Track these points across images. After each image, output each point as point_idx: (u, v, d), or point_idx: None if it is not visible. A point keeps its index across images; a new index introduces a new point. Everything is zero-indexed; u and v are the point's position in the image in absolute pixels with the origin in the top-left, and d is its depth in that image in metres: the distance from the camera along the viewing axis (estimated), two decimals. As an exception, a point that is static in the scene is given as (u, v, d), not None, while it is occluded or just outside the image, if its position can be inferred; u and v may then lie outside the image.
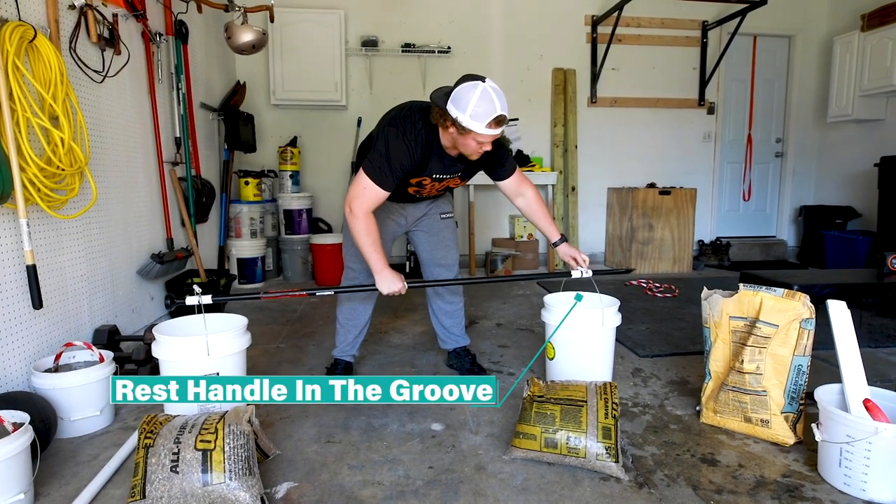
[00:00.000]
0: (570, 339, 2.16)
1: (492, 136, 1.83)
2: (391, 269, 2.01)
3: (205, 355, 1.77)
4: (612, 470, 1.60)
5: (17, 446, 1.39)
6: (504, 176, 2.15)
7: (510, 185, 2.18)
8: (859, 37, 4.80)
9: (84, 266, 2.37)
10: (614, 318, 2.18)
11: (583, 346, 2.18)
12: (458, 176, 2.10)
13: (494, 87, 1.79)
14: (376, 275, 1.98)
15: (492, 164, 2.10)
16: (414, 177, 2.02)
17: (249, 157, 4.65)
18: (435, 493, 1.55)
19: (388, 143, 1.90)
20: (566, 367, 2.18)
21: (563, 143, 5.22)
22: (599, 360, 2.20)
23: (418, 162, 1.95)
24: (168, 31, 3.27)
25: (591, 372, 2.15)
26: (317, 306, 3.62)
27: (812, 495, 1.54)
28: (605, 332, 2.16)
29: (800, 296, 1.79)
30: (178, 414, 1.63)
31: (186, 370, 1.77)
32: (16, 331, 1.94)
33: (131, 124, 2.84)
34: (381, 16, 4.93)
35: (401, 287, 1.98)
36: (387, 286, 1.97)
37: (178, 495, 1.38)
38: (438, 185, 2.12)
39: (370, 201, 1.94)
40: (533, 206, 2.22)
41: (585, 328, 2.14)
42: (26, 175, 1.87)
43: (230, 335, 1.85)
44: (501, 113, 1.78)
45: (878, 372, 2.43)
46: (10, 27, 1.83)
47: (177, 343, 1.79)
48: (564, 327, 2.14)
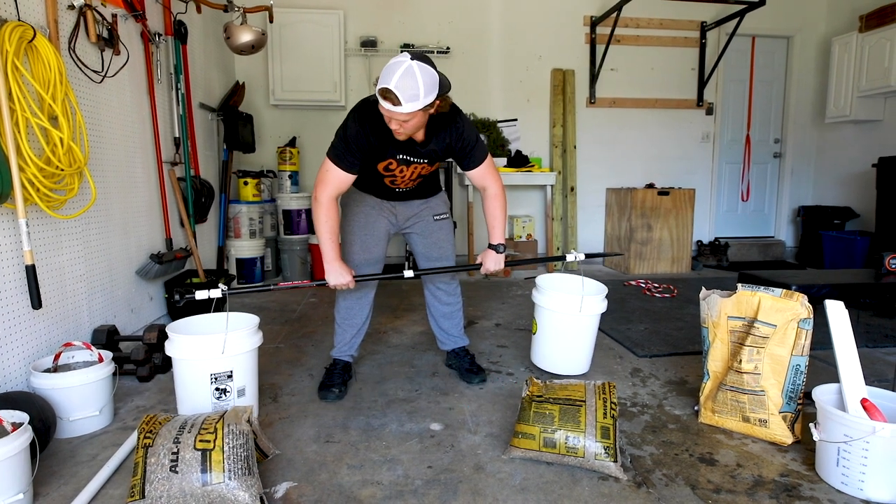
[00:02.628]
0: (549, 318, 2.37)
1: (389, 111, 1.75)
2: (342, 262, 2.04)
3: (219, 353, 1.77)
4: (610, 469, 1.61)
5: (17, 446, 1.39)
6: (469, 166, 2.12)
7: (475, 176, 2.15)
8: (857, 38, 4.81)
9: (83, 266, 2.37)
10: (596, 305, 2.27)
11: (560, 327, 2.35)
12: (426, 161, 2.08)
13: (422, 66, 1.70)
14: (326, 264, 2.01)
15: (457, 153, 2.09)
16: (379, 160, 2.03)
17: (248, 157, 4.66)
18: (434, 492, 1.55)
19: (346, 128, 1.95)
20: (543, 343, 2.41)
21: (562, 144, 5.23)
22: (577, 344, 2.36)
23: (375, 143, 1.96)
24: (167, 32, 3.27)
25: (565, 352, 2.38)
26: (316, 306, 3.62)
27: (810, 494, 1.55)
28: (583, 318, 2.29)
29: (798, 296, 1.79)
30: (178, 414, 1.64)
31: (200, 368, 1.78)
32: (15, 331, 1.94)
33: (130, 124, 2.84)
34: (381, 16, 4.94)
35: (348, 281, 2.02)
36: (334, 278, 2.01)
37: (178, 495, 1.38)
38: (409, 172, 2.09)
39: (333, 185, 1.98)
40: (488, 203, 2.19)
41: (563, 311, 2.30)
42: (25, 175, 1.87)
43: (244, 333, 1.85)
44: (384, 85, 1.69)
45: (875, 371, 2.43)
46: (9, 27, 1.83)
47: (192, 341, 1.79)
48: (545, 307, 2.33)
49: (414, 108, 1.74)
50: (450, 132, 2.01)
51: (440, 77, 1.78)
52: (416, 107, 1.73)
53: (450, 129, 2.01)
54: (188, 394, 1.81)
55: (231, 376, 1.81)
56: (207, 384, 1.79)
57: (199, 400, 1.79)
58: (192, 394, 1.80)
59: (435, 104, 1.81)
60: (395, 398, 2.19)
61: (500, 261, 2.21)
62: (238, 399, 1.84)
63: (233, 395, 1.83)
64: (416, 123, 1.85)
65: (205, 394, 1.79)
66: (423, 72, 1.71)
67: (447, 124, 2.00)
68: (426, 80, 1.71)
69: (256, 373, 1.94)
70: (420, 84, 1.70)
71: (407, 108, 1.73)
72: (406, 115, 1.77)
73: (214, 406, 1.80)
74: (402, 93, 1.70)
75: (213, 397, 1.80)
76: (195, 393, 1.80)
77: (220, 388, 1.80)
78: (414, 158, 2.05)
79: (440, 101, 1.82)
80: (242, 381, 1.85)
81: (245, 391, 1.86)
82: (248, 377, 1.88)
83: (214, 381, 1.79)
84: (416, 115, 1.80)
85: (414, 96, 1.71)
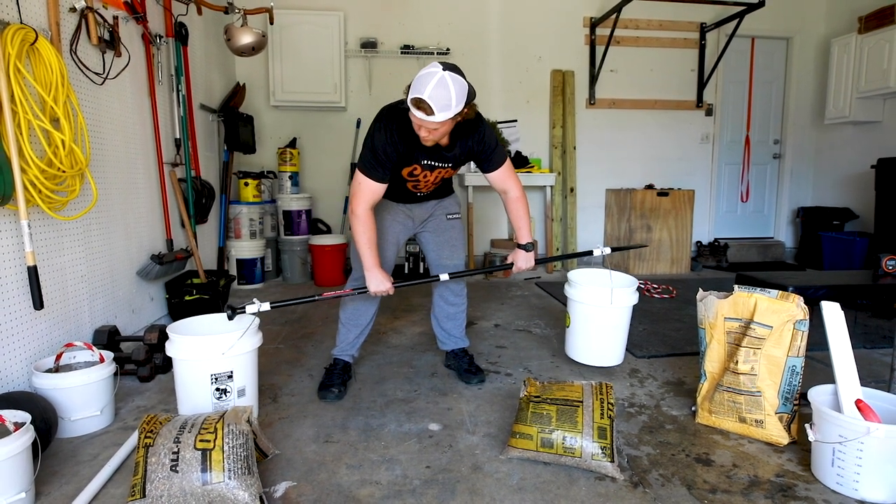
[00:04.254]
0: (582, 311, 2.45)
1: (421, 119, 1.81)
2: (381, 269, 2.08)
3: (220, 354, 1.79)
4: (607, 469, 1.62)
5: (19, 446, 1.40)
6: (489, 169, 2.18)
7: (495, 179, 2.21)
8: (857, 39, 4.81)
9: (84, 267, 2.39)
10: (627, 297, 2.36)
11: (592, 319, 2.43)
12: (450, 166, 2.13)
13: (454, 77, 1.76)
14: (367, 272, 2.06)
15: (478, 156, 2.14)
16: (405, 166, 2.07)
17: (249, 158, 4.67)
18: (432, 492, 1.56)
19: (373, 137, 1.99)
20: (577, 335, 2.49)
21: (562, 145, 5.24)
22: (610, 335, 2.43)
23: (403, 150, 2.00)
24: (168, 33, 3.29)
25: (599, 344, 2.46)
26: (316, 307, 3.63)
27: (805, 494, 1.56)
28: (615, 309, 2.36)
29: (794, 297, 1.81)
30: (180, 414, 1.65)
31: (201, 369, 1.79)
32: (17, 331, 1.96)
33: (131, 126, 2.85)
34: (381, 17, 4.95)
35: (388, 287, 2.07)
36: (375, 285, 2.06)
37: (178, 494, 1.39)
38: (432, 177, 2.15)
39: (366, 196, 2.02)
40: (511, 206, 2.26)
41: (595, 303, 2.39)
42: (27, 177, 1.88)
43: (244, 334, 1.85)
44: (418, 95, 1.75)
45: (872, 372, 2.44)
46: (11, 30, 1.84)
47: (192, 342, 1.80)
48: (578, 300, 2.43)
49: (446, 118, 1.79)
50: (473, 137, 2.07)
51: (468, 86, 1.83)
52: (448, 116, 1.79)
53: (473, 134, 2.06)
54: (188, 394, 1.82)
55: (231, 377, 1.83)
56: (208, 384, 1.80)
57: (199, 400, 1.81)
58: (193, 394, 1.82)
59: (463, 112, 1.86)
60: (394, 398, 2.20)
61: (531, 259, 2.28)
62: (238, 399, 1.86)
63: (233, 396, 1.84)
64: (445, 130, 1.91)
65: (205, 394, 1.81)
66: (455, 82, 1.77)
67: (471, 130, 2.05)
68: (458, 90, 1.77)
69: (256, 373, 1.96)
70: (452, 94, 1.76)
71: (439, 118, 1.79)
72: (437, 125, 1.83)
73: (215, 406, 1.82)
74: (436, 103, 1.75)
75: (213, 397, 1.81)
76: (195, 393, 1.81)
77: (221, 389, 1.82)
78: (438, 163, 2.10)
79: (467, 109, 1.87)
80: (243, 381, 1.87)
81: (245, 391, 1.88)
82: (249, 377, 1.90)
83: (215, 382, 1.81)
84: (446, 124, 1.85)
85: (446, 106, 1.77)
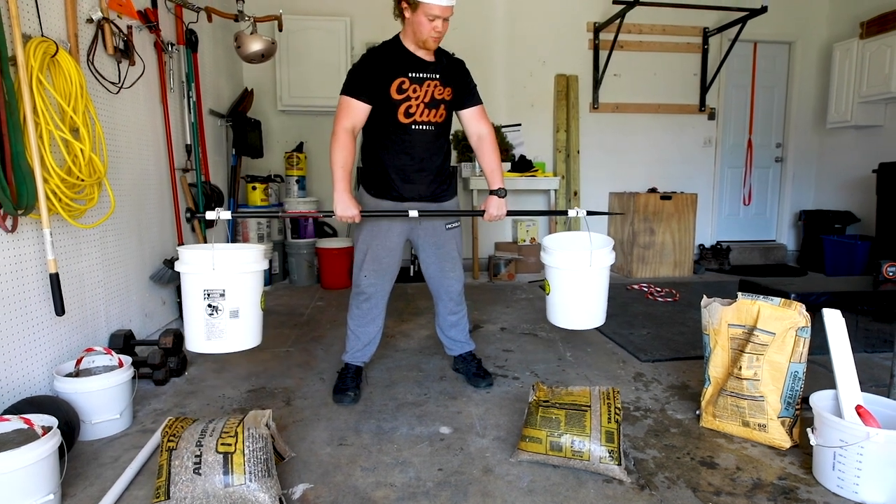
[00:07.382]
0: (559, 277, 2.27)
1: (439, 6, 2.00)
2: (351, 195, 2.07)
3: (210, 269, 1.79)
4: (614, 472, 1.66)
5: (48, 449, 1.45)
6: (469, 103, 2.29)
7: (472, 116, 2.30)
8: (858, 44, 4.86)
9: (101, 273, 2.44)
10: (604, 258, 2.21)
11: (571, 284, 2.26)
12: (438, 77, 2.19)
13: None
14: (335, 194, 2.06)
15: (462, 83, 2.27)
16: (392, 79, 2.12)
17: (257, 162, 4.73)
18: (445, 494, 1.61)
19: (355, 62, 2.18)
20: (557, 302, 2.30)
21: (566, 149, 5.29)
22: (590, 298, 2.26)
23: (386, 64, 2.12)
24: (179, 41, 3.34)
25: (579, 307, 2.27)
26: (323, 310, 3.68)
27: (807, 497, 1.60)
28: (593, 271, 2.21)
29: (796, 305, 1.85)
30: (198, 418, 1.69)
31: (195, 283, 1.81)
32: (39, 337, 2.01)
33: (144, 133, 2.90)
34: (386, 22, 4.92)
35: (355, 214, 2.07)
36: (342, 209, 2.06)
37: (201, 496, 1.44)
38: (423, 93, 2.17)
39: (346, 115, 2.11)
40: (484, 148, 2.30)
41: (572, 267, 2.21)
42: (49, 186, 1.93)
43: (238, 253, 1.89)
44: None
45: (873, 376, 2.49)
46: (34, 43, 1.89)
47: (189, 254, 1.84)
48: (554, 266, 2.24)
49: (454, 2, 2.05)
50: (457, 64, 2.27)
51: None
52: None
53: (457, 62, 2.28)
54: (186, 308, 1.86)
55: (223, 295, 1.81)
56: (201, 299, 1.82)
57: (192, 314, 1.83)
58: (189, 307, 1.84)
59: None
60: (404, 402, 2.25)
61: (503, 206, 2.25)
62: (231, 320, 1.84)
63: (224, 315, 1.83)
64: (445, 31, 2.10)
65: (199, 309, 1.82)
66: None
67: (454, 59, 2.29)
68: None
69: (257, 303, 1.92)
70: None
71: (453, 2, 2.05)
72: (451, 11, 2.05)
73: (206, 322, 1.82)
74: None
75: (205, 313, 1.82)
76: (190, 307, 1.83)
77: (213, 306, 1.81)
78: (426, 74, 2.17)
79: None
80: (236, 303, 1.84)
81: (239, 314, 1.85)
82: (244, 301, 1.86)
83: (207, 297, 1.81)
84: (449, 21, 2.07)
85: None
